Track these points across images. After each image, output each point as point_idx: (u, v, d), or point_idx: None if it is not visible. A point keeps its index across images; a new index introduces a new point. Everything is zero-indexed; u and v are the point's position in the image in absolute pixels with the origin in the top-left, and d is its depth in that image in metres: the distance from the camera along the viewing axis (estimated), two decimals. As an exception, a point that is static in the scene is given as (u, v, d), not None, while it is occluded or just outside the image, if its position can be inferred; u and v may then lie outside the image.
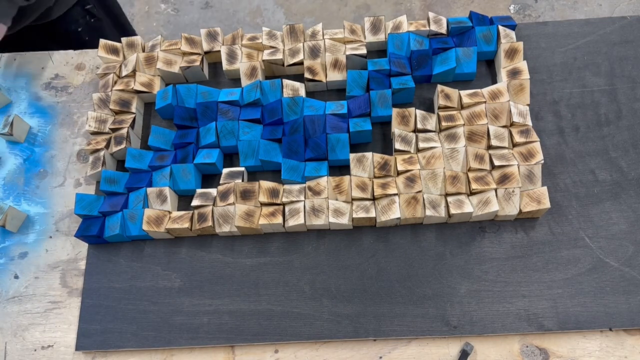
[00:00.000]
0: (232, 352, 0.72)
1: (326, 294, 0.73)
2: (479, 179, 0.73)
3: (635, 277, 0.71)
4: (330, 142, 0.77)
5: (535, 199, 0.72)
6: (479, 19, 0.84)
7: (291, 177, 0.76)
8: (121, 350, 0.73)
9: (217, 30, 0.88)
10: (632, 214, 0.74)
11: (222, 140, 0.80)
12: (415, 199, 0.72)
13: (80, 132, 0.88)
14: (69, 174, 0.85)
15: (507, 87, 0.79)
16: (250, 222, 0.74)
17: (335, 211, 0.73)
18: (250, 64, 0.84)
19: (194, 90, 0.83)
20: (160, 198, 0.77)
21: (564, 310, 0.70)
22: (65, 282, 0.78)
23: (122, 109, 0.84)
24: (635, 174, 0.77)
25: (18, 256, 0.80)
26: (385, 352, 0.70)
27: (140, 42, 0.89)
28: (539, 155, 0.74)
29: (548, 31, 0.87)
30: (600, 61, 0.84)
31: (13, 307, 0.77)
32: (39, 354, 0.74)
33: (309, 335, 0.71)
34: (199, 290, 0.74)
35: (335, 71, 0.83)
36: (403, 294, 0.72)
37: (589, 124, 0.80)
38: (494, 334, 0.69)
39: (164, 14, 2.00)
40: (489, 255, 0.73)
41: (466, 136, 0.75)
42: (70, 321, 0.76)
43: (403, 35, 0.83)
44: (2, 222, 0.78)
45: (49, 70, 0.94)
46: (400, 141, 0.76)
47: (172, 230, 0.75)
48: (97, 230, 0.76)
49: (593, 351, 0.68)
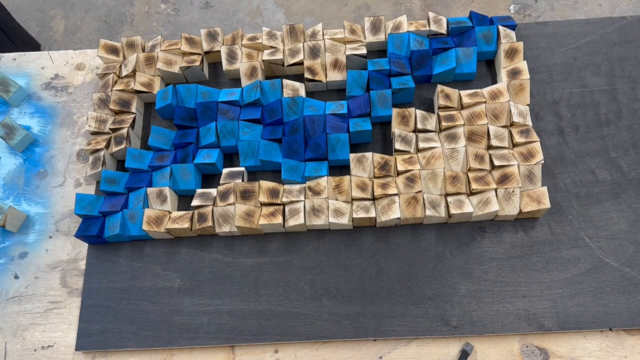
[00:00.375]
0: (232, 352, 0.72)
1: (326, 294, 0.73)
2: (479, 179, 0.73)
3: (635, 277, 0.71)
4: (330, 142, 0.77)
5: (535, 199, 0.72)
6: (479, 19, 0.84)
7: (291, 177, 0.76)
8: (121, 350, 0.73)
9: (217, 30, 0.88)
10: (632, 214, 0.74)
11: (222, 140, 0.80)
12: (415, 199, 0.72)
13: (80, 132, 0.88)
14: (69, 174, 0.85)
15: (507, 87, 0.79)
16: (250, 222, 0.74)
17: (335, 211, 0.73)
18: (250, 64, 0.84)
19: (194, 90, 0.83)
20: (160, 198, 0.77)
21: (564, 310, 0.70)
22: (65, 282, 0.78)
23: (122, 109, 0.84)
24: (635, 174, 0.77)
25: (18, 256, 0.80)
26: (385, 352, 0.70)
27: (140, 42, 0.89)
28: (539, 155, 0.74)
29: (548, 31, 0.87)
30: (600, 61, 0.84)
31: (13, 307, 0.77)
32: (39, 354, 0.74)
33: (309, 335, 0.71)
34: (199, 290, 0.74)
35: (335, 71, 0.83)
36: (403, 294, 0.72)
37: (589, 124, 0.80)
38: (494, 334, 0.69)
39: (164, 14, 2.00)
40: (489, 255, 0.73)
41: (466, 136, 0.75)
42: (70, 321, 0.76)
43: (403, 35, 0.83)
44: (2, 222, 0.78)
45: (49, 70, 0.93)
46: (400, 141, 0.76)
47: (172, 230, 0.75)
48: (97, 230, 0.76)
49: (593, 351, 0.68)
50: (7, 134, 0.84)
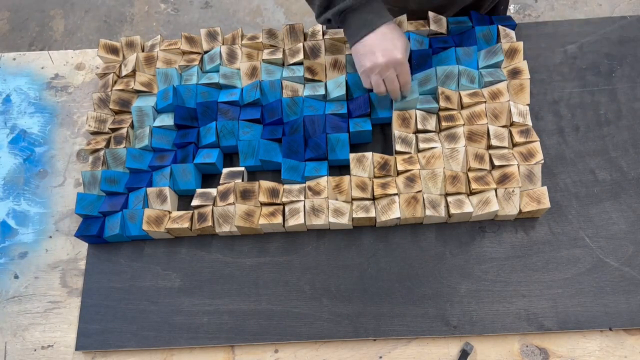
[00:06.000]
0: (232, 352, 0.72)
1: (326, 293, 0.73)
2: (479, 179, 0.73)
3: (635, 277, 0.71)
4: (330, 142, 0.77)
5: (535, 198, 0.72)
6: (479, 18, 0.84)
7: (291, 177, 0.76)
8: (121, 350, 0.73)
9: (217, 30, 0.88)
10: (632, 214, 0.74)
11: (222, 140, 0.80)
12: (415, 198, 0.72)
13: (80, 132, 0.88)
14: (69, 173, 0.85)
15: (507, 87, 0.78)
16: (250, 222, 0.74)
17: (335, 211, 0.73)
18: (251, 64, 0.84)
19: (194, 90, 0.83)
20: (160, 198, 0.77)
21: (563, 310, 0.69)
22: (65, 282, 0.78)
23: (122, 108, 0.84)
24: (635, 174, 0.77)
25: (18, 256, 0.80)
26: (385, 352, 0.70)
27: (139, 41, 0.89)
28: (539, 155, 0.74)
29: (548, 31, 0.87)
30: (600, 61, 0.84)
31: (13, 307, 0.77)
32: (39, 354, 0.74)
33: (309, 335, 0.71)
34: (199, 290, 0.74)
35: (335, 71, 0.83)
36: (403, 294, 0.72)
37: (589, 124, 0.80)
38: (494, 334, 0.69)
39: (164, 14, 2.00)
40: (489, 255, 0.73)
41: (466, 136, 0.75)
42: (70, 321, 0.76)
43: (403, 35, 0.83)
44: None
45: (49, 70, 0.93)
46: (401, 143, 0.76)
47: (172, 230, 0.75)
48: (97, 230, 0.76)
49: (593, 351, 0.68)
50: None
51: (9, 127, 0.89)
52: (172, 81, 0.83)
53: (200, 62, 0.86)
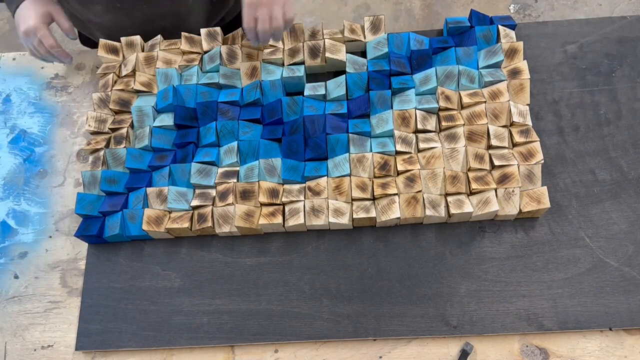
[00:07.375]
0: (232, 352, 0.72)
1: (326, 293, 0.73)
2: (479, 179, 0.73)
3: (635, 277, 0.71)
4: (330, 142, 0.77)
5: (535, 198, 0.72)
6: (480, 18, 0.84)
7: (291, 177, 0.76)
8: (121, 350, 0.73)
9: (217, 30, 0.88)
10: (632, 213, 0.74)
11: (222, 140, 0.80)
12: (415, 198, 0.72)
13: (80, 132, 0.88)
14: (69, 173, 0.85)
15: (507, 87, 0.78)
16: (250, 222, 0.74)
17: (335, 211, 0.73)
18: (251, 64, 0.84)
19: (194, 90, 0.83)
20: (160, 198, 0.77)
21: (563, 310, 0.69)
22: (65, 282, 0.78)
23: (122, 108, 0.84)
24: (635, 174, 0.77)
25: (18, 256, 0.80)
26: (385, 352, 0.70)
27: (139, 41, 0.89)
28: (539, 155, 0.74)
29: (548, 31, 0.87)
30: (600, 61, 0.84)
31: (13, 307, 0.77)
32: (39, 354, 0.74)
33: (309, 335, 0.71)
34: (199, 290, 0.74)
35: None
36: (403, 294, 0.72)
37: (589, 124, 0.80)
38: (494, 334, 0.69)
39: (164, 14, 1.99)
40: (489, 255, 0.73)
41: (466, 136, 0.75)
42: (70, 321, 0.76)
43: (403, 35, 0.83)
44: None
45: (49, 70, 0.93)
46: (401, 143, 0.76)
47: (172, 230, 0.75)
48: (97, 230, 0.76)
49: (593, 351, 0.68)
50: None
51: (9, 127, 0.90)
52: (172, 81, 0.83)
53: (200, 62, 0.86)
